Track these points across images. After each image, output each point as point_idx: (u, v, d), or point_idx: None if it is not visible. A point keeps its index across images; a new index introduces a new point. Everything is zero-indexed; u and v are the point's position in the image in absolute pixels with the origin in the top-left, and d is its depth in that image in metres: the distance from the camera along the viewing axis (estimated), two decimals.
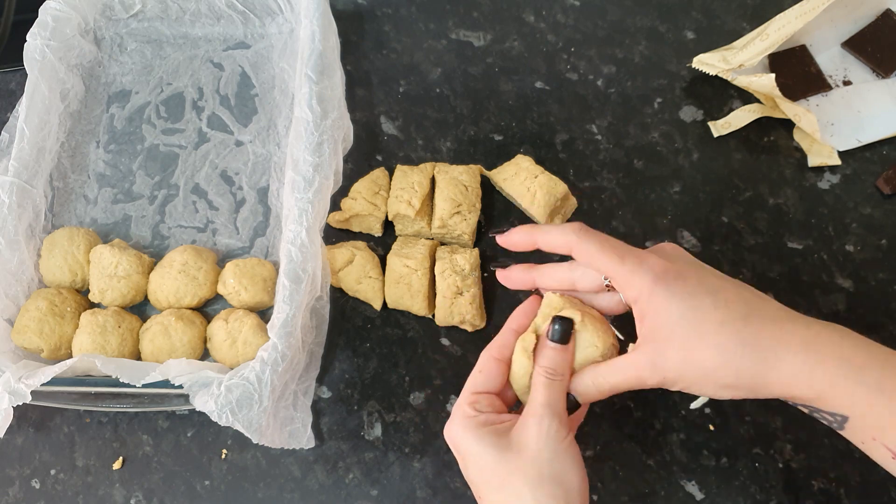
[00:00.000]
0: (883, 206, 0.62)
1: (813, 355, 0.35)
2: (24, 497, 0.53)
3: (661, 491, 0.52)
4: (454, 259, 0.55)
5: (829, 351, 0.35)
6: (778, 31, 0.61)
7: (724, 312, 0.36)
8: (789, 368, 0.35)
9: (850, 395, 0.34)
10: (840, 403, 0.35)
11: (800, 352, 0.35)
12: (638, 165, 0.63)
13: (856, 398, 0.34)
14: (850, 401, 0.35)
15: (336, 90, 0.60)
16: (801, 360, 0.35)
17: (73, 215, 0.62)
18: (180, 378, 0.48)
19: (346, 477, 0.53)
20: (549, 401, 0.38)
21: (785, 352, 0.35)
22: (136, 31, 0.69)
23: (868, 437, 0.35)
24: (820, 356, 0.35)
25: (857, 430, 0.36)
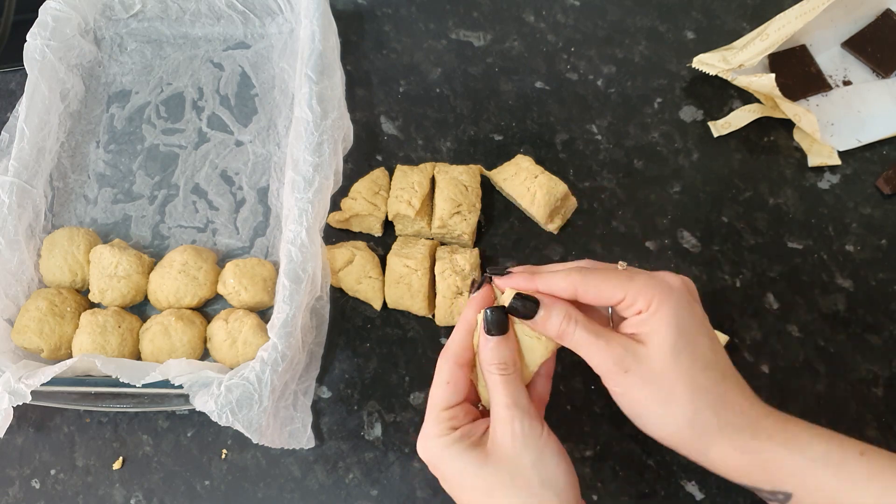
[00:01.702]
0: (883, 206, 0.62)
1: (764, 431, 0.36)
2: (24, 497, 0.53)
3: (661, 491, 0.52)
4: (454, 259, 0.55)
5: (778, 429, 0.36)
6: (778, 31, 0.61)
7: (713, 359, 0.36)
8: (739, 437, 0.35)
9: (795, 470, 0.35)
10: (784, 479, 0.35)
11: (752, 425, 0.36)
12: (638, 165, 0.63)
13: (802, 473, 0.34)
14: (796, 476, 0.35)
15: (336, 90, 0.60)
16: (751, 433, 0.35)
17: (73, 215, 0.62)
18: (180, 378, 0.48)
19: (346, 477, 0.53)
20: (513, 398, 0.37)
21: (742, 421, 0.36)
22: (136, 31, 0.69)
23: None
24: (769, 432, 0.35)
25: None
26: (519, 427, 0.36)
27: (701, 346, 0.36)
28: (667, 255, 0.60)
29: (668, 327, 0.36)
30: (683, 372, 0.35)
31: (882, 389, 0.55)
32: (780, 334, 0.57)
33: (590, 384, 0.55)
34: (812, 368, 0.56)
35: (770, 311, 0.58)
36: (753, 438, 0.35)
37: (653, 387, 0.36)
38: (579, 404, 0.54)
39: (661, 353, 0.36)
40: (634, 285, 0.37)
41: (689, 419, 0.36)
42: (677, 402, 0.36)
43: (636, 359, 0.36)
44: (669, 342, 0.35)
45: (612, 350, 0.36)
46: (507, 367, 0.37)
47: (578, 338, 0.37)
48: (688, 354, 0.36)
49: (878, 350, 0.56)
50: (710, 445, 0.36)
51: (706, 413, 0.35)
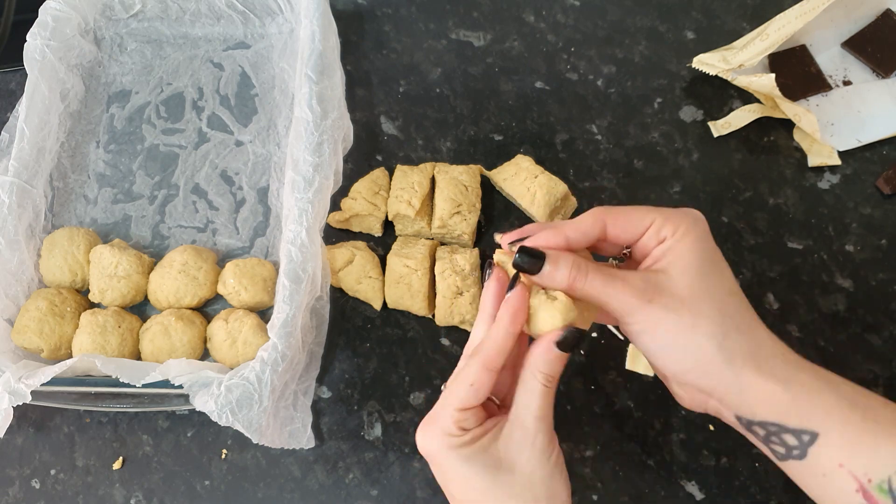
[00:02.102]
0: (883, 206, 0.62)
1: (793, 361, 0.35)
2: (24, 497, 0.53)
3: (661, 491, 0.52)
4: (454, 259, 0.55)
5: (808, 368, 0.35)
6: (778, 31, 0.61)
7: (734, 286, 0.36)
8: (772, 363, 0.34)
9: (826, 406, 0.33)
10: (813, 416, 0.33)
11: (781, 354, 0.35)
12: (638, 165, 0.63)
13: (831, 410, 0.33)
14: (826, 413, 0.33)
15: (336, 90, 0.60)
16: (782, 360, 0.34)
17: (73, 215, 0.62)
18: (180, 378, 0.48)
19: (346, 477, 0.53)
20: (544, 412, 0.36)
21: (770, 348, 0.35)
22: (136, 31, 0.69)
23: (834, 465, 0.33)
24: (799, 363, 0.35)
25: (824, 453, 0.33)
26: (540, 442, 0.35)
27: (726, 272, 0.36)
28: None
29: (694, 251, 0.35)
30: (711, 294, 0.34)
31: (882, 389, 0.55)
32: (780, 334, 0.56)
33: (590, 384, 0.55)
34: None
35: (770, 311, 0.58)
36: (785, 366, 0.34)
37: (678, 313, 0.34)
38: (579, 404, 0.54)
39: (688, 276, 0.34)
40: (660, 214, 0.36)
41: (718, 342, 0.34)
42: (706, 325, 0.34)
43: (658, 288, 0.34)
44: (696, 265, 0.35)
45: (632, 284, 0.35)
46: (553, 381, 0.36)
47: (591, 282, 0.35)
48: (715, 277, 0.35)
49: (878, 350, 0.56)
50: (741, 371, 0.34)
51: (736, 336, 0.34)
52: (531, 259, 0.35)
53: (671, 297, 0.34)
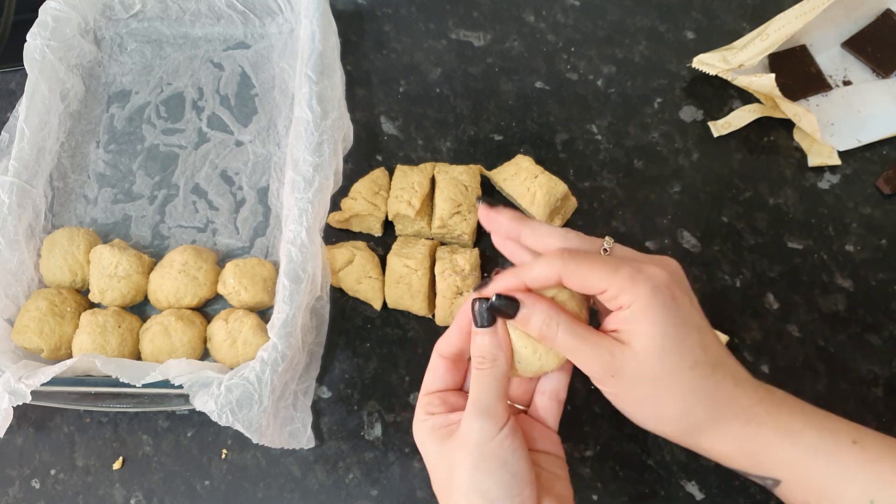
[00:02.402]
0: (883, 206, 0.62)
1: (756, 419, 0.35)
2: (24, 497, 0.53)
3: (661, 491, 0.52)
4: (454, 259, 0.55)
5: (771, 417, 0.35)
6: (778, 31, 0.61)
7: (701, 354, 0.35)
8: (729, 427, 0.35)
9: (785, 459, 0.35)
10: (773, 467, 0.35)
11: (742, 414, 0.35)
12: (638, 165, 0.63)
13: (791, 463, 0.35)
14: (785, 465, 0.35)
15: (336, 90, 0.60)
16: (743, 422, 0.35)
17: (73, 215, 0.62)
18: (180, 378, 0.48)
19: (346, 477, 0.53)
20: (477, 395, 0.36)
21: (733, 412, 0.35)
22: (136, 31, 0.69)
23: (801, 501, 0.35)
24: (760, 421, 0.35)
25: (790, 492, 0.36)
26: (466, 426, 0.36)
27: (688, 342, 0.35)
28: (667, 255, 0.60)
29: (653, 328, 0.34)
30: (671, 373, 0.35)
31: (882, 389, 0.55)
32: (780, 334, 0.57)
33: (590, 384, 0.55)
34: (812, 368, 0.56)
35: (770, 311, 0.58)
36: (744, 426, 0.35)
37: (641, 388, 0.35)
38: (579, 404, 0.54)
39: (647, 356, 0.35)
40: (618, 279, 0.35)
41: (679, 417, 0.36)
42: (666, 403, 0.35)
43: (622, 362, 0.35)
44: (656, 344, 0.34)
45: (598, 354, 0.36)
46: (483, 361, 0.37)
47: (561, 340, 0.36)
48: (674, 355, 0.35)
49: (878, 350, 0.56)
50: (701, 436, 0.36)
51: (696, 409, 0.35)
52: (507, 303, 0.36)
53: (635, 372, 0.35)
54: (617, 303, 0.35)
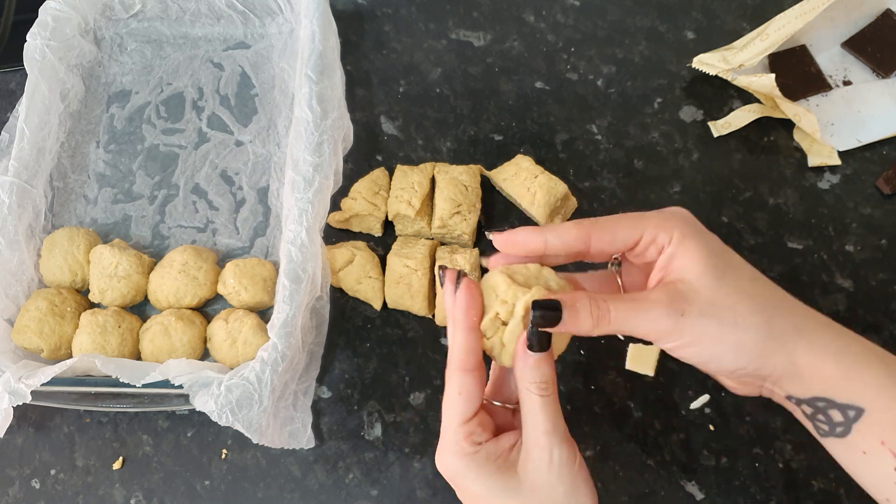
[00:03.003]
0: (883, 206, 0.62)
1: (842, 334, 0.34)
2: (24, 497, 0.53)
3: (661, 491, 0.52)
4: (454, 259, 0.55)
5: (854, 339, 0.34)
6: (778, 31, 0.61)
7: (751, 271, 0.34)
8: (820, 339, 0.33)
9: (875, 382, 0.32)
10: (862, 391, 0.33)
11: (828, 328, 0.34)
12: (638, 165, 0.63)
13: (880, 388, 0.32)
14: (874, 389, 0.32)
15: (336, 90, 0.61)
16: (832, 335, 0.33)
17: (73, 215, 0.62)
18: (180, 378, 0.48)
19: (346, 477, 0.53)
20: (552, 423, 0.34)
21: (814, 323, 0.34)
22: (136, 31, 0.69)
23: (876, 442, 0.33)
24: (846, 337, 0.34)
25: (868, 429, 0.33)
26: (557, 455, 0.34)
27: (736, 261, 0.34)
28: None
29: (701, 252, 0.33)
30: (738, 286, 0.33)
31: None
32: None
33: (590, 384, 0.55)
34: None
35: None
36: (835, 339, 0.33)
37: (715, 317, 0.33)
38: (579, 404, 0.54)
39: (708, 278, 0.33)
40: (650, 222, 0.34)
41: (766, 331, 0.33)
42: (747, 320, 0.33)
43: (685, 298, 0.33)
44: (709, 265, 0.33)
45: (657, 304, 0.33)
46: (547, 386, 0.34)
47: (616, 315, 0.34)
48: (731, 271, 0.34)
49: None
50: (794, 351, 0.33)
51: (780, 317, 0.33)
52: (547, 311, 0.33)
53: (702, 303, 0.33)
54: (656, 245, 0.34)
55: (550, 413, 0.34)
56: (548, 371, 0.35)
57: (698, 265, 0.33)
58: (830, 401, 0.33)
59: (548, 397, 0.35)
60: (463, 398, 0.35)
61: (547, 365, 0.35)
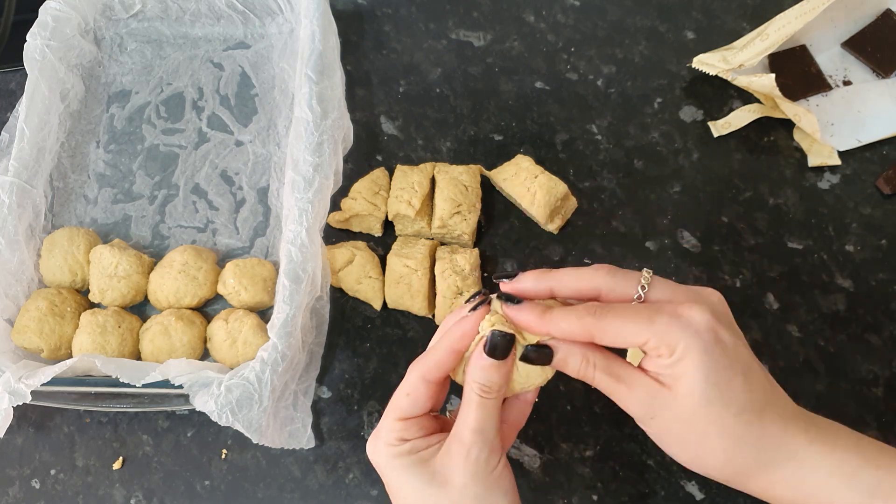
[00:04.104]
0: (883, 206, 0.62)
1: (808, 461, 0.34)
2: (24, 497, 0.53)
3: (661, 491, 0.52)
4: (454, 259, 0.55)
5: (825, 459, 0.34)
6: (778, 31, 0.61)
7: (746, 399, 0.34)
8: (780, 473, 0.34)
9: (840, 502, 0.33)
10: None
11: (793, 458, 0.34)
12: (638, 165, 0.63)
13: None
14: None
15: (336, 90, 0.61)
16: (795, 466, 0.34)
17: (73, 215, 0.62)
18: (180, 378, 0.48)
19: (346, 477, 0.53)
20: (480, 424, 0.35)
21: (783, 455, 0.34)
22: (136, 31, 0.69)
23: None
24: (813, 463, 0.34)
25: None
26: (475, 455, 0.34)
27: (733, 387, 0.33)
28: (667, 255, 0.60)
29: (696, 375, 0.33)
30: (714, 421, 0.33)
31: (882, 389, 0.55)
32: (780, 334, 0.57)
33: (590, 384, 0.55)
34: (812, 368, 0.56)
35: (770, 311, 0.58)
36: (796, 471, 0.34)
37: (683, 433, 0.34)
38: (579, 404, 0.54)
39: (690, 402, 0.33)
40: (656, 329, 0.33)
41: (723, 464, 0.34)
42: (710, 449, 0.34)
43: (663, 405, 0.34)
44: (698, 391, 0.33)
45: (636, 396, 0.35)
46: (490, 391, 0.35)
47: (599, 381, 0.35)
48: (718, 403, 0.33)
49: (878, 350, 0.56)
50: (749, 480, 0.35)
51: (742, 455, 0.34)
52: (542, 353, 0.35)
53: (673, 418, 0.34)
54: (657, 353, 0.34)
55: (483, 415, 0.35)
56: (496, 379, 0.35)
57: (687, 388, 0.33)
58: None
59: (488, 401, 0.35)
60: (410, 399, 0.36)
61: (498, 374, 0.35)
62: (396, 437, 0.36)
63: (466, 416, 0.35)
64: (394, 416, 0.37)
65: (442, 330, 0.38)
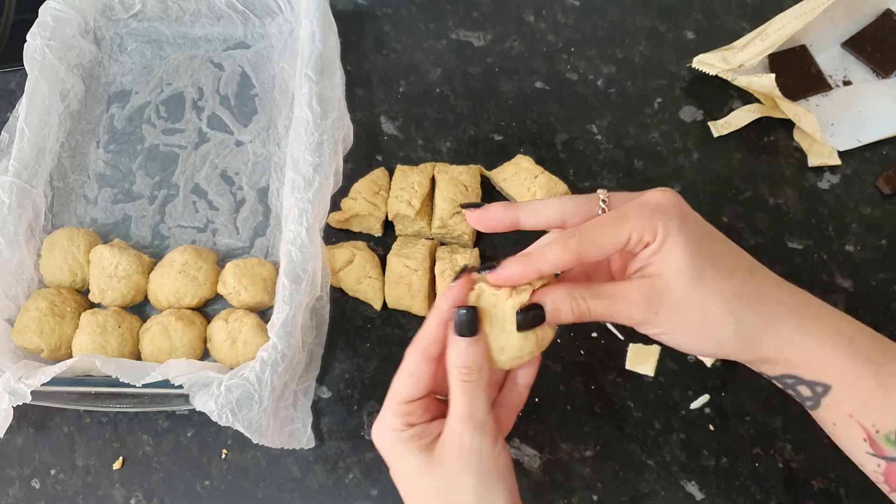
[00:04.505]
0: (883, 206, 0.62)
1: (809, 319, 0.34)
2: (24, 497, 0.53)
3: (661, 491, 0.52)
4: (454, 259, 0.55)
5: (823, 318, 0.35)
6: (778, 31, 0.61)
7: (733, 261, 0.35)
8: (785, 328, 0.34)
9: (838, 363, 0.34)
10: (826, 371, 0.34)
11: (796, 314, 0.34)
12: (638, 165, 0.63)
13: (844, 366, 0.34)
14: (838, 368, 0.34)
15: (336, 90, 0.61)
16: (797, 322, 0.34)
17: (73, 215, 0.62)
18: (180, 378, 0.48)
19: (346, 477, 0.53)
20: (469, 410, 0.34)
21: (784, 311, 0.34)
22: (136, 31, 0.69)
23: (844, 415, 0.35)
24: (814, 321, 0.35)
25: (835, 404, 0.35)
26: (468, 442, 0.34)
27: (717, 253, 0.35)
28: None
29: (680, 249, 0.34)
30: (711, 287, 0.34)
31: None
32: None
33: (590, 384, 0.55)
34: None
35: None
36: (800, 326, 0.34)
37: (687, 314, 0.34)
38: (579, 404, 0.54)
39: (684, 278, 0.34)
40: (632, 222, 0.34)
41: (733, 330, 0.34)
42: (717, 319, 0.34)
43: (660, 296, 0.34)
44: (688, 263, 0.34)
45: (633, 300, 0.34)
46: (470, 372, 0.35)
47: (595, 309, 0.35)
48: (709, 268, 0.34)
49: None
50: (761, 343, 0.35)
51: (748, 315, 0.34)
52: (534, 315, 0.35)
53: (674, 302, 0.34)
54: (642, 243, 0.34)
55: (469, 399, 0.35)
56: (473, 357, 0.35)
57: (677, 264, 0.34)
58: (798, 378, 0.35)
59: (470, 383, 0.35)
60: (413, 380, 0.36)
61: (474, 351, 0.35)
62: (402, 422, 0.36)
63: (454, 404, 0.35)
64: (397, 400, 0.37)
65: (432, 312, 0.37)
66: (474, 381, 0.35)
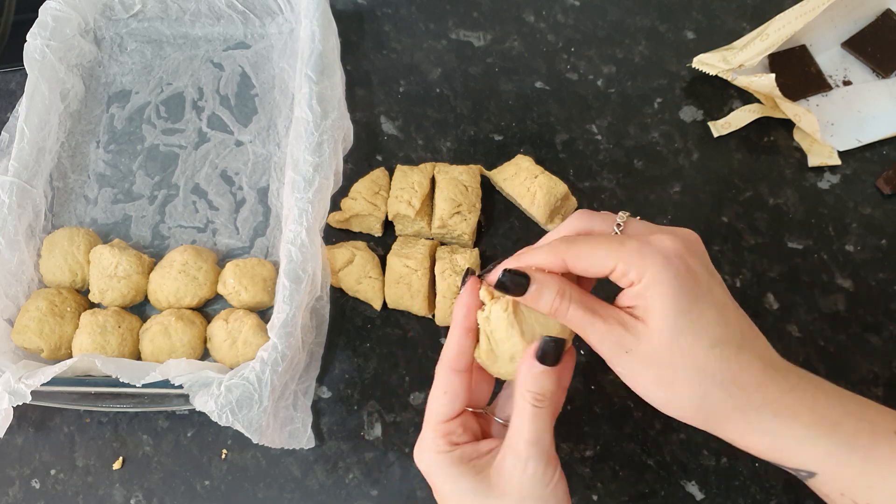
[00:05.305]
0: (883, 206, 0.62)
1: (786, 410, 0.33)
2: (24, 497, 0.53)
3: (661, 491, 0.52)
4: (454, 259, 0.55)
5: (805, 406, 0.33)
6: (778, 31, 0.61)
7: (722, 332, 0.32)
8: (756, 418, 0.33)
9: (819, 453, 0.33)
10: (807, 461, 0.33)
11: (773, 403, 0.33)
12: (638, 165, 0.63)
13: (826, 456, 0.33)
14: (820, 458, 0.33)
15: (336, 90, 0.61)
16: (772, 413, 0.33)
17: (73, 215, 0.62)
18: (180, 378, 0.48)
19: (346, 477, 0.53)
20: (537, 435, 0.34)
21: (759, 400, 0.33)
22: (136, 31, 0.69)
23: (836, 493, 0.33)
24: (792, 412, 0.33)
25: (824, 485, 0.34)
26: (532, 469, 0.34)
27: (706, 319, 0.32)
28: None
29: (666, 303, 0.32)
30: (686, 353, 0.32)
31: (882, 389, 0.55)
32: (780, 334, 0.57)
33: (590, 384, 0.55)
34: (812, 368, 0.55)
35: (770, 311, 0.58)
36: (775, 418, 0.32)
37: (656, 368, 0.33)
38: (579, 404, 0.54)
39: (661, 333, 0.32)
40: (625, 253, 0.33)
41: (697, 403, 0.33)
42: (683, 386, 0.33)
43: (636, 338, 0.33)
44: (669, 321, 0.32)
45: (610, 330, 0.33)
46: (543, 399, 0.34)
47: (572, 316, 0.34)
48: (690, 333, 0.32)
49: (878, 350, 0.56)
50: (724, 425, 0.33)
51: (716, 395, 0.32)
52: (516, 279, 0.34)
53: (649, 350, 0.33)
54: (627, 279, 0.33)
55: (539, 425, 0.34)
56: (549, 386, 0.34)
57: (657, 315, 0.32)
58: (780, 464, 0.34)
59: (541, 409, 0.34)
60: (448, 397, 0.36)
61: (550, 380, 0.34)
62: (446, 442, 0.35)
63: (521, 426, 0.34)
64: (436, 421, 0.36)
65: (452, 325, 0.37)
66: (544, 407, 0.34)
